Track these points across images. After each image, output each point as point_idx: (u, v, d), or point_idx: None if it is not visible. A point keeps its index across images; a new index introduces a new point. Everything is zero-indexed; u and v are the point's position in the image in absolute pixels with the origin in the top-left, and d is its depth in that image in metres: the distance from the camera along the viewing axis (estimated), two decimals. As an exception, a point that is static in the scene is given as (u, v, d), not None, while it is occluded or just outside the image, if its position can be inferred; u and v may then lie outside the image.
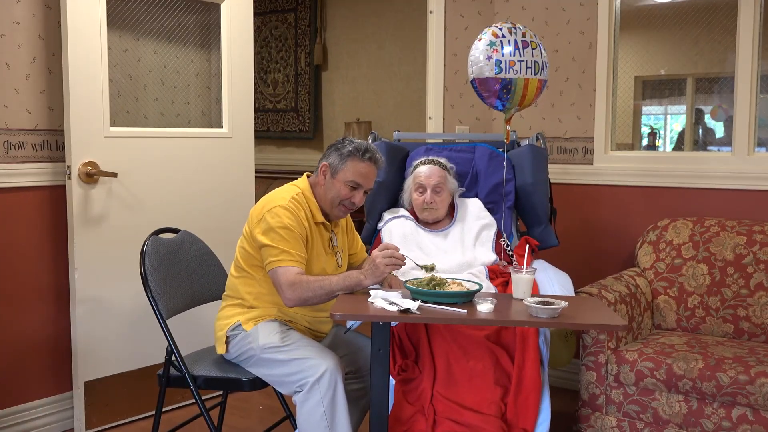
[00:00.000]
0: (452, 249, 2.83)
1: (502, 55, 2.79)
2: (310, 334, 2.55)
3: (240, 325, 2.47)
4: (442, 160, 2.98)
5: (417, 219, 2.95)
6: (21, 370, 3.11)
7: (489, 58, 2.79)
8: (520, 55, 2.80)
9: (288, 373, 2.33)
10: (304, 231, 2.43)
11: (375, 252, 2.35)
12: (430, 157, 3.01)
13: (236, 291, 2.54)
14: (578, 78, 3.74)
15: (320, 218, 2.51)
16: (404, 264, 2.36)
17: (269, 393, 2.75)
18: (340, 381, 2.28)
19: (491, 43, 2.81)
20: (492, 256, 2.84)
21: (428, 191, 2.86)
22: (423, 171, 2.92)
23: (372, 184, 2.54)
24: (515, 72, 2.80)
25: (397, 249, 2.35)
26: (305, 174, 2.60)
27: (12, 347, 3.08)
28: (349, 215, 2.67)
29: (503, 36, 2.81)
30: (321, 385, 2.26)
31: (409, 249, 2.80)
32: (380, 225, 3.01)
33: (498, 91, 2.82)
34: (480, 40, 2.85)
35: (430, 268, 2.43)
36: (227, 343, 2.49)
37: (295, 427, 2.59)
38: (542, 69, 2.88)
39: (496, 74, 2.79)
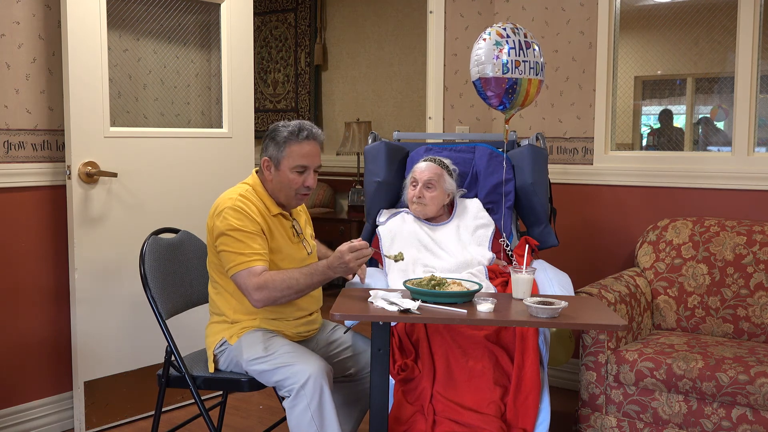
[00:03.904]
0: (448, 244, 2.83)
1: (508, 55, 2.78)
2: (300, 338, 2.54)
3: (226, 341, 2.47)
4: (446, 161, 2.99)
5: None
6: (21, 370, 3.11)
7: (496, 58, 2.78)
8: (524, 56, 2.80)
9: (276, 380, 2.32)
10: (258, 225, 2.39)
11: (344, 248, 2.30)
12: (433, 156, 3.02)
13: (217, 307, 2.53)
14: (578, 78, 3.74)
15: (276, 210, 2.47)
16: (370, 255, 2.33)
17: (269, 393, 2.75)
18: (326, 385, 2.24)
19: (497, 43, 2.79)
20: (489, 254, 2.84)
21: (419, 185, 2.88)
22: (420, 166, 2.94)
23: (319, 160, 2.47)
24: (520, 72, 2.79)
25: (366, 246, 2.32)
26: (254, 170, 2.55)
27: (12, 347, 3.08)
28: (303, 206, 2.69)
29: (508, 36, 2.80)
30: (306, 391, 2.23)
31: (412, 245, 2.81)
32: (379, 221, 2.99)
33: (504, 92, 2.81)
34: (485, 40, 2.84)
35: (398, 258, 2.41)
36: (215, 361, 2.49)
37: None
38: (542, 69, 2.88)
39: (503, 74, 2.78)
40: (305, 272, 2.34)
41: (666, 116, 4.88)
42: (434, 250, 2.81)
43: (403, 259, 2.44)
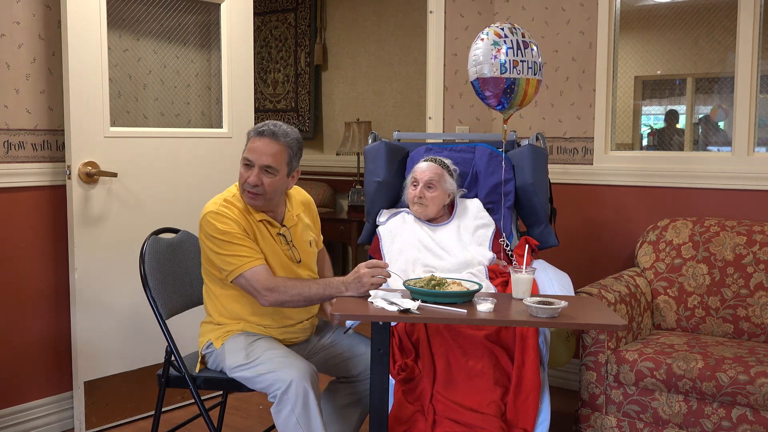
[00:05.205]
0: (449, 244, 2.83)
1: (506, 54, 2.78)
2: (288, 342, 2.53)
3: (212, 343, 2.47)
4: (447, 161, 2.99)
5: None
6: (21, 370, 3.11)
7: (494, 57, 2.78)
8: (522, 55, 2.80)
9: (259, 388, 2.32)
10: (241, 227, 2.37)
11: (362, 266, 2.33)
12: (434, 156, 3.02)
13: (206, 307, 2.55)
14: (578, 78, 3.74)
15: (260, 216, 2.44)
16: (386, 281, 2.34)
17: (269, 393, 2.74)
18: (309, 388, 2.24)
19: (495, 43, 2.79)
20: (489, 254, 2.84)
21: (420, 185, 2.88)
22: (421, 166, 2.94)
23: (267, 160, 2.36)
24: (518, 72, 2.79)
25: (386, 266, 2.34)
26: None
27: (12, 347, 3.08)
28: (313, 206, 2.67)
29: (506, 36, 2.80)
30: (289, 396, 2.22)
31: (412, 245, 2.81)
32: (379, 221, 2.99)
33: (502, 92, 2.81)
34: (482, 40, 2.84)
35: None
36: (204, 362, 2.50)
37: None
38: (540, 69, 2.88)
39: (501, 74, 2.78)
40: (320, 283, 2.37)
41: (672, 117, 4.87)
42: (434, 250, 2.81)
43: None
